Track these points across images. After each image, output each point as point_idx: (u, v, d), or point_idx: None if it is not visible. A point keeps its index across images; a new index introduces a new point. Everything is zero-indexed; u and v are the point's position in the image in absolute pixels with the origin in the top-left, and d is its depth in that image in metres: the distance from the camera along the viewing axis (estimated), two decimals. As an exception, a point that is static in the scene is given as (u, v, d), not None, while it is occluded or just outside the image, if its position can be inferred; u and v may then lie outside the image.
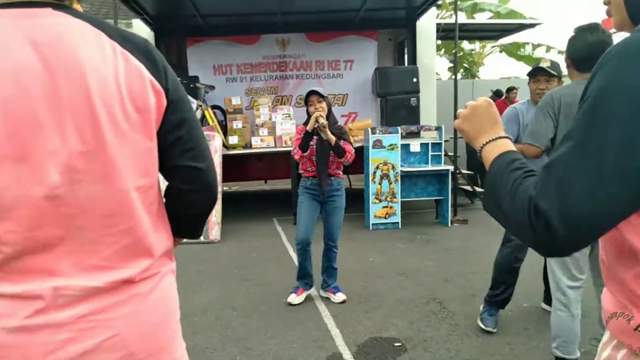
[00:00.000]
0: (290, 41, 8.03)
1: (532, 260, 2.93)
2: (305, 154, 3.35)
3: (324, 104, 3.37)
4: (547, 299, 3.16)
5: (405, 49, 8.78)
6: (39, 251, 0.80)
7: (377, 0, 6.90)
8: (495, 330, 2.93)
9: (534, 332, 2.93)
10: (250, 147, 6.97)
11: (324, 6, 7.08)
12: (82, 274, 0.83)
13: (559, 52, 12.53)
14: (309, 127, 3.32)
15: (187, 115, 0.95)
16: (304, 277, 3.50)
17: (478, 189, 6.96)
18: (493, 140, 0.90)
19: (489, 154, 0.88)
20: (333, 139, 3.28)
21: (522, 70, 20.32)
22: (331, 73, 8.17)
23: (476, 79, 13.81)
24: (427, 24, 7.90)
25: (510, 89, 8.99)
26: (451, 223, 5.95)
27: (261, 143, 6.97)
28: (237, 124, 7.03)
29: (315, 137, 3.35)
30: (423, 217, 6.49)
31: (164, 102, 0.90)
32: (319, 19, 7.62)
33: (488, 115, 0.95)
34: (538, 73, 2.87)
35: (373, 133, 5.86)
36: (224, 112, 7.43)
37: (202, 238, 5.05)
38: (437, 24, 8.25)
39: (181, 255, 4.35)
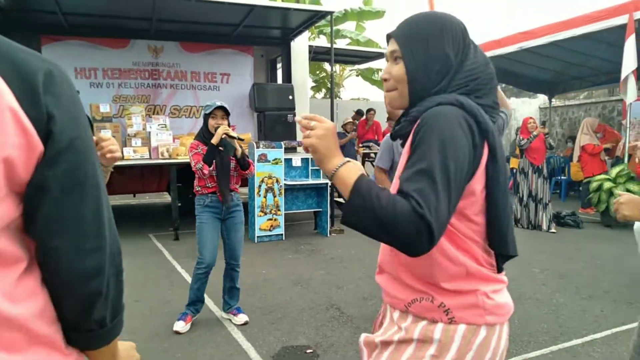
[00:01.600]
0: (164, 49, 7.71)
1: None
2: (211, 167, 3.23)
3: (226, 122, 3.30)
4: None
5: (278, 66, 9.12)
6: None
7: (256, 18, 7.06)
8: None
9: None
10: (122, 158, 6.48)
11: (203, 18, 7.00)
12: None
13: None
14: (214, 140, 3.19)
15: (74, 159, 0.73)
16: (195, 303, 3.31)
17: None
18: (345, 163, 1.01)
19: (348, 175, 0.98)
20: (239, 149, 3.29)
21: (375, 93, 22.40)
22: (207, 85, 8.05)
23: (338, 99, 14.85)
24: (300, 45, 8.33)
25: (369, 110, 9.91)
26: (330, 233, 6.35)
27: (134, 154, 6.54)
28: (106, 133, 6.48)
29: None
30: (303, 228, 6.78)
31: (34, 141, 0.68)
32: (195, 29, 7.49)
33: (335, 138, 1.05)
34: None
35: (258, 147, 5.97)
36: (89, 119, 6.77)
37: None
38: (309, 46, 8.75)
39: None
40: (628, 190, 6.45)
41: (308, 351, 2.97)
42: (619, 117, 10.51)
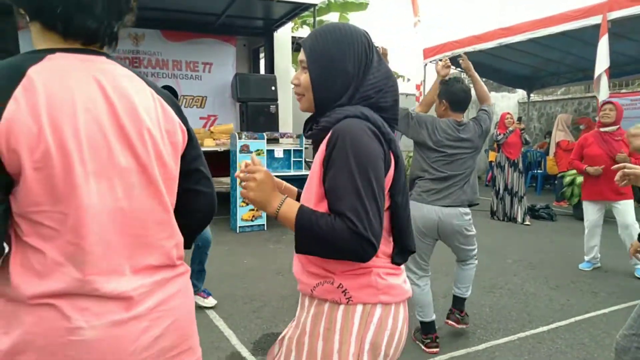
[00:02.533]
0: (145, 36, 7.65)
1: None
2: None
3: None
4: None
5: (260, 56, 9.11)
6: (111, 255, 0.94)
7: (239, 8, 7.05)
8: None
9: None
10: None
11: (186, 6, 6.95)
12: (145, 272, 0.99)
13: (398, 76, 14.35)
14: None
15: (200, 152, 1.18)
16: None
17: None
18: (283, 201, 1.14)
19: (288, 213, 1.12)
20: None
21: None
22: (189, 74, 8.02)
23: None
24: (283, 36, 8.34)
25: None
26: (311, 224, 6.43)
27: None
28: (86, 122, 6.42)
29: None
30: (284, 219, 6.85)
31: (186, 139, 1.11)
32: (177, 17, 7.45)
33: (270, 183, 1.16)
34: None
35: (240, 138, 6.00)
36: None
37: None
38: (292, 37, 8.76)
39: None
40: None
41: (288, 338, 3.06)
42: (594, 113, 10.81)
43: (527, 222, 6.75)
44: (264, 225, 6.12)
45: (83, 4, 0.93)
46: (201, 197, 1.17)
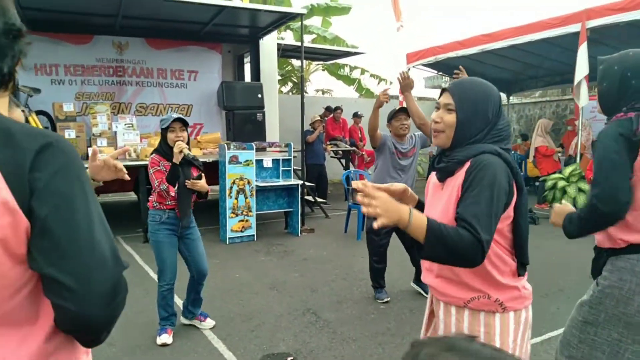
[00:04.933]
0: (129, 45, 7.54)
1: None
2: (176, 188, 3.16)
3: (185, 134, 3.20)
4: (417, 279, 4.15)
5: (245, 63, 9.07)
6: None
7: (226, 17, 7.01)
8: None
9: (395, 329, 3.54)
10: (87, 158, 6.32)
11: (171, 15, 6.88)
12: None
13: (371, 75, 14.48)
14: (176, 160, 3.13)
15: (63, 246, 0.86)
16: (169, 318, 3.29)
17: (318, 199, 7.68)
18: (410, 213, 1.29)
19: (419, 222, 1.29)
20: (207, 188, 3.25)
21: (340, 87, 22.56)
22: (175, 82, 7.94)
23: (306, 94, 14.90)
24: (269, 43, 8.32)
25: (336, 108, 10.00)
26: (301, 232, 6.46)
27: (100, 155, 6.37)
28: (70, 133, 6.32)
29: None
30: (273, 227, 6.86)
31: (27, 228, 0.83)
32: (161, 26, 7.36)
33: (393, 201, 1.30)
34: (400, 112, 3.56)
35: (229, 149, 5.98)
36: (50, 118, 6.58)
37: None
38: (278, 44, 8.75)
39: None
40: (580, 189, 6.90)
41: (289, 359, 3.08)
42: (571, 115, 11.09)
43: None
44: (253, 236, 6.12)
45: None
46: (60, 314, 0.82)
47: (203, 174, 3.28)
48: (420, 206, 1.61)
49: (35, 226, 0.78)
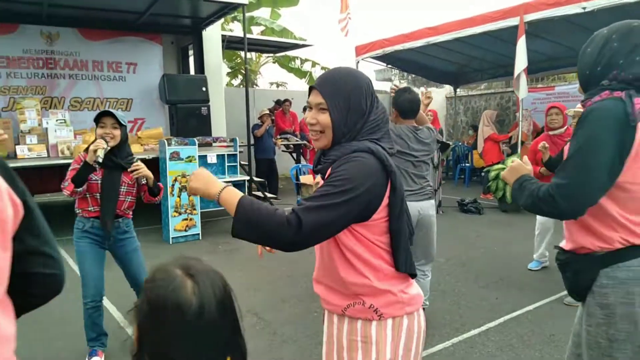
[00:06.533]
0: (60, 36, 7.07)
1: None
2: (80, 189, 2.75)
3: (118, 132, 2.80)
4: None
5: (190, 55, 8.75)
6: None
7: (163, 6, 6.69)
8: None
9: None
10: (15, 157, 5.90)
11: (104, 4, 6.49)
12: None
13: (322, 67, 14.40)
14: (88, 159, 2.71)
15: (42, 228, 0.99)
16: (99, 338, 2.94)
17: (268, 195, 7.54)
18: (224, 188, 1.29)
19: (231, 197, 1.26)
20: (151, 176, 2.90)
21: (293, 80, 22.31)
22: (112, 75, 7.54)
23: (255, 87, 14.62)
24: (213, 34, 8.05)
25: (284, 101, 9.85)
26: (248, 230, 6.30)
27: (29, 153, 5.98)
28: (-6, 131, 5.84)
29: (100, 169, 2.80)
30: (220, 225, 6.67)
31: (21, 214, 0.90)
32: (94, 15, 6.94)
33: (206, 173, 1.35)
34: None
35: (169, 145, 5.73)
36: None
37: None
38: (222, 35, 8.49)
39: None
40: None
41: (225, 363, 2.96)
42: (514, 107, 11.49)
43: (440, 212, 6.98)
44: (198, 234, 5.91)
45: None
46: (41, 281, 0.96)
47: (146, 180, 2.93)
48: None
49: None
